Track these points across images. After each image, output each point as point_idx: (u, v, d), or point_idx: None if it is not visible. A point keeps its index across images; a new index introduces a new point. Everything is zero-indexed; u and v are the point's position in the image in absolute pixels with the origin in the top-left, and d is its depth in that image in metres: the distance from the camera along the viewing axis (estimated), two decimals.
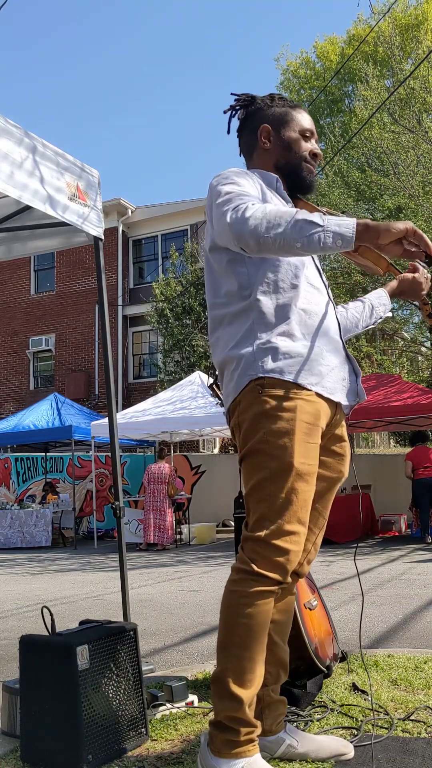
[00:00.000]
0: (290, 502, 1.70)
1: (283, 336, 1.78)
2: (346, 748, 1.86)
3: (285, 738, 1.87)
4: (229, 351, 1.84)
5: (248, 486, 1.76)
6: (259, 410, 1.75)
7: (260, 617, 1.68)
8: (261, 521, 1.70)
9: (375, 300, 2.21)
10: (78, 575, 7.50)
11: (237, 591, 1.70)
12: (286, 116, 2.00)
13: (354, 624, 4.03)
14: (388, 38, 14.38)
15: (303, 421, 1.74)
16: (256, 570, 1.67)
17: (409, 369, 17.39)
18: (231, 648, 1.68)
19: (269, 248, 1.64)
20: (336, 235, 1.61)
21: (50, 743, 1.90)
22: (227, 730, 1.66)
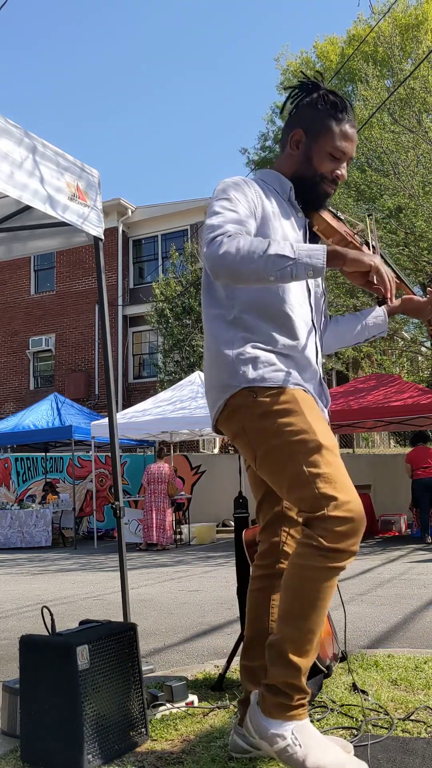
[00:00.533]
0: (331, 474, 1.71)
1: (264, 345, 1.82)
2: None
3: None
4: (214, 354, 1.87)
5: (285, 481, 1.75)
6: (260, 410, 1.78)
7: (323, 592, 1.71)
8: (316, 500, 1.69)
9: (371, 318, 2.21)
10: (78, 575, 7.50)
11: (307, 565, 1.70)
12: (323, 127, 1.91)
13: (354, 624, 4.03)
14: (388, 38, 14.38)
15: (307, 405, 1.79)
16: (326, 545, 1.68)
17: (409, 369, 17.39)
18: (293, 619, 1.71)
19: (243, 281, 1.70)
20: (307, 266, 1.68)
21: (50, 743, 1.90)
22: (280, 694, 1.70)
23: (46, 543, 11.89)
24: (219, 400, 1.86)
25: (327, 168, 1.93)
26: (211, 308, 1.92)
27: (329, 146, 1.91)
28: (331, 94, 1.95)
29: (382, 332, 2.23)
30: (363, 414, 9.83)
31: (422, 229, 12.25)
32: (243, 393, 1.80)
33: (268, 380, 1.79)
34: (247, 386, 1.79)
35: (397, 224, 12.66)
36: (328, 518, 1.69)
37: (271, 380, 1.80)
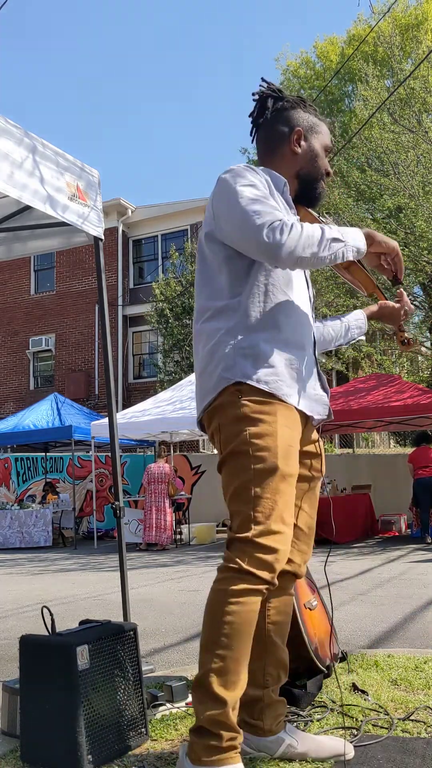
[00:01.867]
0: (275, 502, 1.69)
1: (265, 343, 1.79)
2: (345, 747, 1.86)
3: (285, 738, 1.87)
4: (211, 347, 1.83)
5: (231, 488, 1.74)
6: (239, 414, 1.75)
7: (247, 615, 1.64)
8: (247, 522, 1.69)
9: (353, 321, 2.25)
10: (78, 575, 7.50)
11: (223, 589, 1.66)
12: (317, 126, 2.01)
13: (354, 624, 4.04)
14: (388, 38, 14.38)
15: (283, 425, 1.75)
16: (245, 567, 1.65)
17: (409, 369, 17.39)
18: (215, 647, 1.63)
19: (304, 265, 1.75)
20: (354, 248, 1.79)
21: (50, 743, 1.90)
22: (209, 735, 1.59)
23: (46, 543, 11.88)
24: (209, 395, 1.82)
25: (325, 165, 2.01)
26: (210, 300, 1.88)
27: (323, 143, 2.01)
28: (305, 99, 2.07)
29: (362, 334, 2.28)
30: (363, 414, 9.83)
31: (422, 229, 12.24)
32: (230, 390, 1.77)
33: (262, 382, 1.76)
34: (240, 380, 1.76)
35: (397, 224, 12.66)
36: (251, 542, 1.66)
37: (264, 383, 1.76)
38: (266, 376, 1.77)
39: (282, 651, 1.93)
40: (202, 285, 1.90)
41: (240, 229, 1.74)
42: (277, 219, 1.71)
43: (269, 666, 1.89)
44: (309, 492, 1.97)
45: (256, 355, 1.78)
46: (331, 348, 2.24)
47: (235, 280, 1.84)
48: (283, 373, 1.79)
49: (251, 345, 1.79)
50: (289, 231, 1.69)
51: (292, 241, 1.69)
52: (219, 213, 1.81)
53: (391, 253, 1.88)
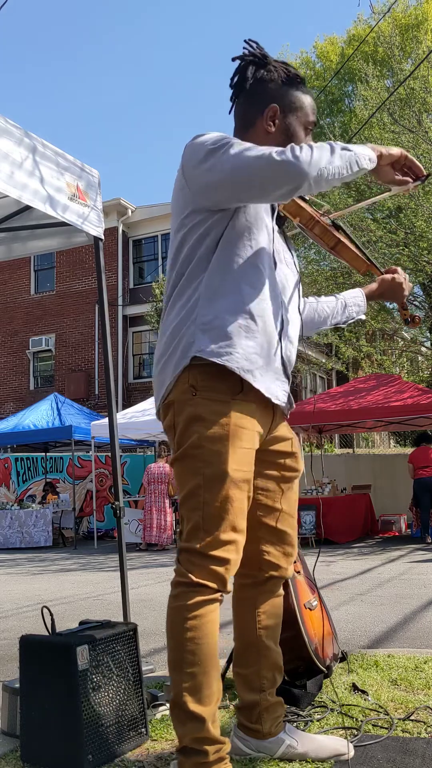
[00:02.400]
0: (225, 510, 1.63)
1: (225, 312, 1.69)
2: (345, 747, 1.86)
3: (284, 738, 1.86)
4: (174, 327, 1.74)
5: (182, 492, 1.69)
6: (192, 413, 1.67)
7: (207, 627, 1.60)
8: (196, 531, 1.64)
9: (350, 299, 2.16)
10: (78, 575, 7.50)
11: (179, 606, 1.62)
12: (296, 102, 1.85)
13: (354, 624, 4.04)
14: (388, 38, 14.38)
15: (238, 426, 1.67)
16: (195, 580, 1.61)
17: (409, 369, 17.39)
18: (183, 666, 1.59)
19: (325, 180, 1.62)
20: (366, 157, 1.69)
21: (50, 743, 1.90)
22: (195, 754, 1.57)
23: (46, 543, 11.89)
24: (166, 381, 1.73)
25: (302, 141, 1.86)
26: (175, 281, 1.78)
27: (303, 120, 1.86)
28: (290, 67, 1.89)
29: (361, 313, 2.17)
30: (363, 414, 9.83)
31: (422, 229, 12.25)
32: (184, 388, 1.68)
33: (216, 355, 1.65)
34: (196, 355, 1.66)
35: (397, 224, 12.67)
36: (200, 554, 1.62)
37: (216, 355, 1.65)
38: (220, 349, 1.67)
39: (275, 653, 1.91)
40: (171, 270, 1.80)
41: (237, 169, 1.59)
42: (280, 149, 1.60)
43: (264, 669, 1.87)
44: (287, 492, 1.90)
45: (214, 328, 1.68)
46: (328, 326, 2.15)
47: (204, 256, 1.73)
48: (240, 345, 1.68)
49: (210, 319, 1.69)
50: (299, 148, 1.59)
51: (306, 155, 1.58)
52: (196, 175, 1.67)
53: (401, 158, 1.77)
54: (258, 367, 1.71)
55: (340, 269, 13.37)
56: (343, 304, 2.14)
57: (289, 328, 1.85)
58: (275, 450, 1.88)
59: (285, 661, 2.36)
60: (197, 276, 1.73)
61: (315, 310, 2.11)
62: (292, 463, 1.91)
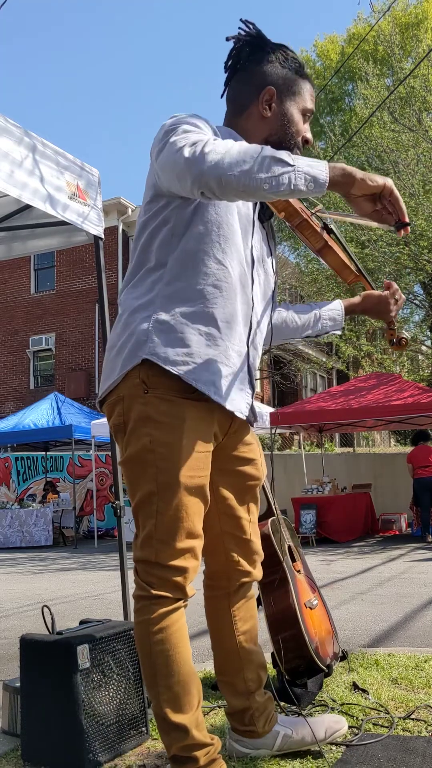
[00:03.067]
0: (180, 518, 1.57)
1: (184, 317, 1.58)
2: (338, 723, 1.90)
3: (279, 730, 1.85)
4: (125, 319, 1.64)
5: (134, 497, 1.61)
6: (143, 413, 1.58)
7: (174, 638, 1.58)
8: (150, 540, 1.58)
9: (325, 312, 2.00)
10: (78, 574, 7.50)
11: (143, 620, 1.58)
12: (294, 86, 1.73)
13: (354, 623, 4.04)
14: (388, 37, 14.38)
15: (192, 429, 1.58)
16: (155, 593, 1.57)
17: (409, 368, 17.39)
18: (158, 678, 1.57)
19: (233, 189, 1.42)
20: (308, 177, 1.43)
21: (51, 742, 1.90)
22: (186, 761, 1.56)
23: (47, 542, 11.89)
24: (114, 373, 1.62)
25: (302, 131, 1.75)
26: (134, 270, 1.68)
27: (302, 106, 1.74)
28: (288, 50, 1.77)
29: (336, 328, 2.01)
30: (363, 413, 9.83)
31: (422, 228, 12.25)
32: (135, 383, 1.58)
33: (170, 363, 1.55)
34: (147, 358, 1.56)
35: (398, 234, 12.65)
36: (157, 565, 1.58)
37: (172, 364, 1.56)
38: (178, 357, 1.56)
39: (257, 654, 1.88)
40: (132, 257, 1.70)
41: (169, 158, 1.48)
42: (201, 138, 1.45)
43: (248, 672, 1.84)
44: (248, 501, 1.82)
45: (172, 331, 1.57)
46: (296, 337, 2.01)
47: (163, 246, 1.62)
48: (200, 355, 1.58)
49: (168, 320, 1.58)
50: (214, 144, 1.43)
51: (216, 154, 1.41)
52: (152, 156, 1.58)
53: (384, 191, 1.50)
54: (219, 378, 1.61)
55: None
56: (317, 317, 1.99)
57: (257, 335, 1.75)
58: (234, 456, 1.78)
59: (286, 660, 2.37)
60: (156, 268, 1.63)
61: (284, 320, 1.97)
62: (252, 470, 1.81)
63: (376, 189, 1.49)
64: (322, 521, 9.75)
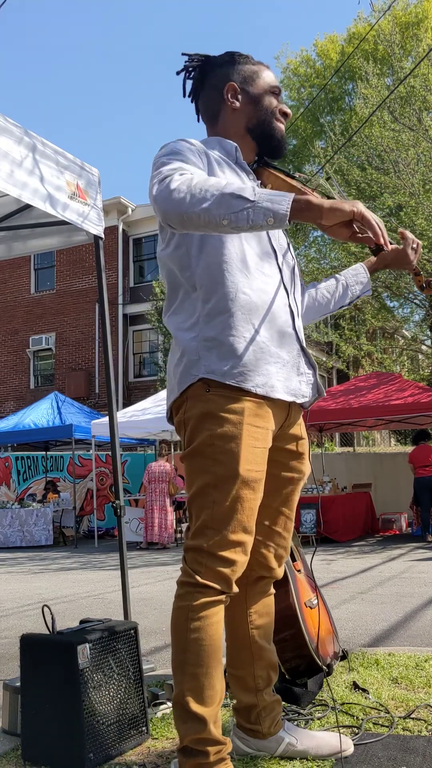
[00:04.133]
0: (235, 510, 1.61)
1: (229, 329, 1.66)
2: (345, 744, 1.86)
3: (284, 737, 1.86)
4: (177, 342, 1.74)
5: (191, 489, 1.66)
6: (205, 409, 1.65)
7: (211, 629, 1.60)
8: (204, 530, 1.62)
9: (351, 278, 2.06)
10: (78, 574, 7.51)
11: (184, 606, 1.61)
12: (251, 72, 1.86)
13: (355, 622, 4.04)
14: (389, 36, 14.36)
15: (251, 425, 1.64)
16: (201, 581, 1.59)
17: (409, 367, 17.39)
18: (186, 666, 1.59)
19: (194, 225, 1.50)
20: (267, 212, 1.46)
21: (51, 742, 1.90)
22: (196, 754, 1.57)
23: (47, 542, 11.89)
24: (175, 391, 1.73)
25: (275, 104, 1.86)
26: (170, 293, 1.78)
27: (266, 85, 1.86)
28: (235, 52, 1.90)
29: (366, 291, 2.09)
30: (363, 412, 9.83)
31: (422, 228, 12.23)
32: (197, 384, 1.67)
33: (228, 376, 1.64)
34: (204, 377, 1.65)
35: (398, 222, 12.66)
36: (208, 553, 1.60)
37: (230, 377, 1.64)
38: (232, 369, 1.64)
39: (270, 652, 1.89)
40: (165, 276, 1.80)
41: (149, 194, 1.59)
42: (173, 170, 1.54)
43: (258, 669, 1.86)
44: (288, 494, 1.86)
45: (219, 345, 1.65)
46: (332, 311, 2.07)
47: (185, 270, 1.71)
48: (251, 361, 1.66)
49: (214, 335, 1.66)
50: (180, 181, 1.50)
51: (179, 192, 1.49)
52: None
53: (356, 217, 1.51)
54: (272, 376, 1.69)
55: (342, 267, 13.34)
56: (344, 285, 2.06)
57: (297, 316, 1.81)
58: (283, 449, 1.83)
59: (286, 660, 2.37)
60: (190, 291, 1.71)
61: (315, 299, 2.04)
62: (298, 464, 1.86)
63: (345, 217, 1.50)
64: (323, 521, 9.75)
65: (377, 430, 17.74)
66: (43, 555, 10.31)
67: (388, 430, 19.05)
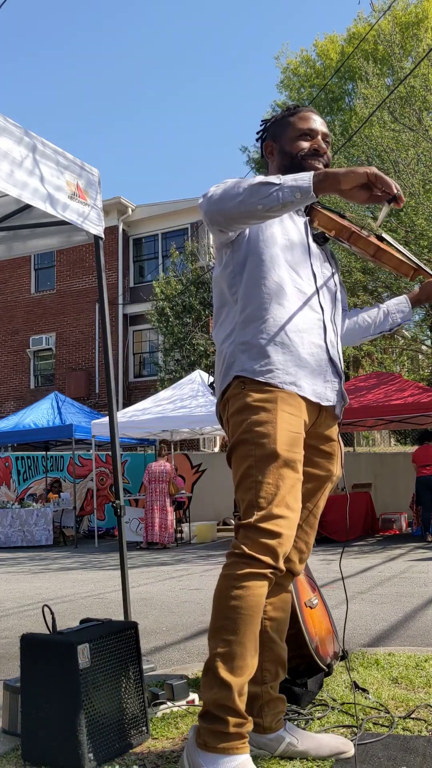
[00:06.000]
0: (278, 487, 1.71)
1: (260, 333, 1.83)
2: (346, 746, 1.86)
3: (285, 736, 1.86)
4: (219, 350, 1.93)
5: (237, 477, 1.78)
6: (242, 404, 1.80)
7: (252, 600, 1.65)
8: (250, 508, 1.71)
9: (393, 306, 2.23)
10: (79, 574, 7.51)
11: (228, 574, 1.68)
12: (283, 124, 2.02)
13: (355, 622, 4.04)
14: (388, 36, 14.36)
15: (284, 411, 1.77)
16: (248, 552, 1.66)
17: (409, 367, 17.39)
18: (221, 632, 1.64)
19: (235, 217, 1.72)
20: (293, 189, 1.66)
21: (51, 742, 1.90)
22: (215, 720, 1.60)
23: (47, 542, 11.89)
24: (219, 393, 1.92)
25: (302, 147, 1.98)
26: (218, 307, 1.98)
27: (294, 132, 1.99)
28: (287, 105, 2.11)
29: (407, 320, 2.24)
30: (363, 412, 9.83)
31: (423, 228, 12.24)
32: (235, 383, 1.84)
33: (258, 373, 1.80)
34: (239, 374, 1.83)
35: (398, 222, 12.66)
36: (254, 527, 1.68)
37: (260, 374, 1.80)
38: (262, 368, 1.80)
39: (280, 648, 1.92)
40: (215, 297, 2.00)
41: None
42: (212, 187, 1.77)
43: (267, 662, 1.87)
44: (316, 493, 1.95)
45: (251, 347, 1.83)
46: (372, 335, 2.23)
47: (231, 287, 1.91)
48: (279, 361, 1.81)
49: (247, 339, 1.84)
50: (215, 187, 1.75)
51: (215, 195, 1.73)
52: None
53: (370, 178, 1.67)
54: (299, 377, 1.82)
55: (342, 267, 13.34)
56: (385, 312, 2.22)
57: (333, 334, 1.95)
58: (315, 447, 1.92)
59: None
60: (231, 305, 1.91)
61: (356, 322, 2.20)
62: (327, 464, 1.96)
63: (361, 179, 1.67)
64: (323, 520, 9.74)
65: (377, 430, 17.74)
66: (44, 555, 10.31)
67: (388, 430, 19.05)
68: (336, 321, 1.99)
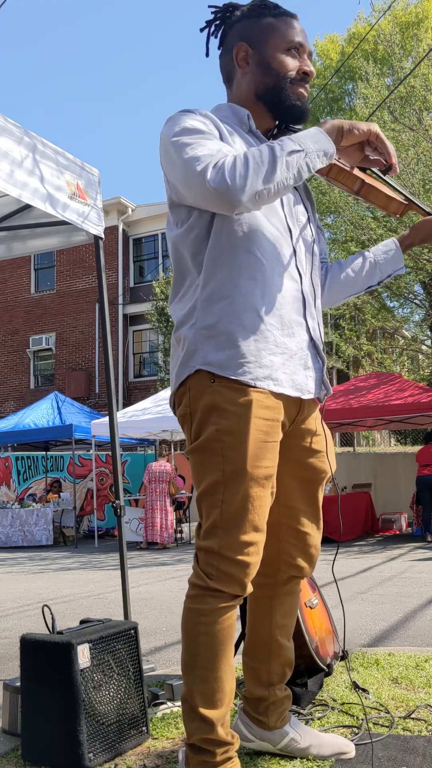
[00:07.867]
0: (245, 509, 1.54)
1: (228, 316, 1.57)
2: (347, 747, 1.85)
3: (288, 731, 1.85)
4: (176, 331, 1.66)
5: (200, 487, 1.60)
6: (210, 402, 1.56)
7: (222, 634, 1.56)
8: (214, 530, 1.56)
9: (380, 255, 1.89)
10: (79, 574, 7.51)
11: (195, 609, 1.57)
12: (267, 29, 1.66)
13: (355, 622, 4.04)
14: (389, 36, 14.36)
15: (259, 418, 1.56)
16: (212, 586, 1.55)
17: (409, 367, 17.39)
18: (195, 669, 1.56)
19: (266, 200, 1.48)
20: (320, 152, 1.51)
21: (51, 742, 1.90)
22: (202, 752, 1.56)
23: (47, 542, 11.89)
24: (174, 385, 1.66)
25: (291, 66, 1.67)
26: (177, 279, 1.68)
27: (283, 43, 1.66)
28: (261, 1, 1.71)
29: (398, 269, 1.90)
30: (363, 412, 9.83)
31: None
32: (201, 374, 1.58)
33: (225, 368, 1.56)
34: (201, 368, 1.57)
35: (398, 222, 12.66)
36: (218, 555, 1.55)
37: (228, 369, 1.56)
38: (231, 360, 1.56)
39: (288, 649, 1.89)
40: (172, 260, 1.70)
41: (186, 184, 1.52)
42: (217, 158, 1.47)
43: (275, 665, 1.85)
44: (311, 493, 1.80)
45: (217, 334, 1.57)
46: (360, 291, 1.92)
47: (194, 255, 1.62)
48: (250, 351, 1.57)
49: (211, 323, 1.57)
50: (233, 166, 1.44)
51: (240, 177, 1.43)
52: (167, 173, 1.60)
53: (371, 137, 1.55)
54: (276, 369, 1.60)
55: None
56: (372, 263, 1.89)
57: (313, 305, 1.70)
58: (299, 445, 1.74)
59: None
60: (191, 274, 1.63)
61: (339, 278, 1.90)
62: (317, 463, 1.78)
63: (364, 136, 1.56)
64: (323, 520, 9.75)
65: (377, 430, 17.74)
66: (44, 555, 10.31)
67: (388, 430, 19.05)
68: (315, 284, 1.72)
